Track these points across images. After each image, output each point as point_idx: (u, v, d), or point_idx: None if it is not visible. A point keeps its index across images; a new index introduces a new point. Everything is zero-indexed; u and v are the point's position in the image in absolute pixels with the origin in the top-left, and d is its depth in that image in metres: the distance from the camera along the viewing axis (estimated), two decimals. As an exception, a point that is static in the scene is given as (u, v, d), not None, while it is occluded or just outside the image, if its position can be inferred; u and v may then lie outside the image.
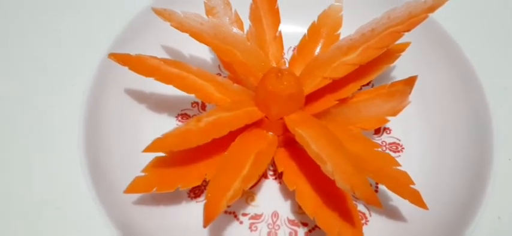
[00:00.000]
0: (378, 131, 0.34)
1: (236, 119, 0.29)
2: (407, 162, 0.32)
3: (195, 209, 0.31)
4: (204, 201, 0.26)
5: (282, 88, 0.29)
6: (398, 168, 0.28)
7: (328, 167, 0.26)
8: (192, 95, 0.31)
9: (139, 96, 0.35)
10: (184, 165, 0.29)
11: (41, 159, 0.30)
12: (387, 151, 0.33)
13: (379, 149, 0.29)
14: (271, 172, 0.33)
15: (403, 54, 0.33)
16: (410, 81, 0.31)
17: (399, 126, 0.34)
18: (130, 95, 0.35)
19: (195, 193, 0.32)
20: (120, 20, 0.36)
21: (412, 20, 0.29)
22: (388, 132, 0.34)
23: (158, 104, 0.35)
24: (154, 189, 0.28)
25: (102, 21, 0.36)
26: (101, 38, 0.35)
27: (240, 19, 0.35)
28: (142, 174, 0.28)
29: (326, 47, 0.34)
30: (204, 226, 0.25)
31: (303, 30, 0.35)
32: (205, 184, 0.31)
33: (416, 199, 0.27)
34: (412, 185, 0.27)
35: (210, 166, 0.29)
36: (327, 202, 0.28)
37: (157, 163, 0.29)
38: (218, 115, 0.29)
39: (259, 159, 0.29)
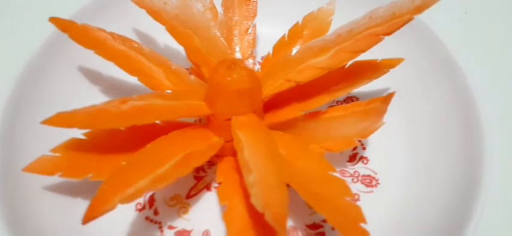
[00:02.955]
0: (352, 158, 0.28)
1: (172, 110, 0.25)
2: (379, 201, 0.26)
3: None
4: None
5: (230, 81, 0.25)
6: (351, 200, 0.22)
7: (251, 178, 0.20)
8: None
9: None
10: (104, 154, 0.25)
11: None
12: (358, 183, 0.27)
13: (335, 174, 0.23)
14: (217, 185, 0.28)
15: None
16: (387, 99, 0.25)
17: (379, 157, 0.28)
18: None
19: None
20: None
21: (394, 21, 0.23)
22: (365, 161, 0.28)
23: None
24: (59, 173, 0.24)
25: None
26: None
27: (215, 7, 0.30)
28: (51, 153, 0.24)
29: (303, 51, 0.29)
30: (83, 223, 0.20)
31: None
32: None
33: (363, 241, 0.21)
34: (362, 224, 0.21)
35: (133, 160, 0.24)
36: (257, 229, 0.23)
37: (71, 145, 0.25)
38: (150, 102, 0.25)
39: (186, 161, 0.24)
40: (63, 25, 0.27)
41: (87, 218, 0.20)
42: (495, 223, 0.23)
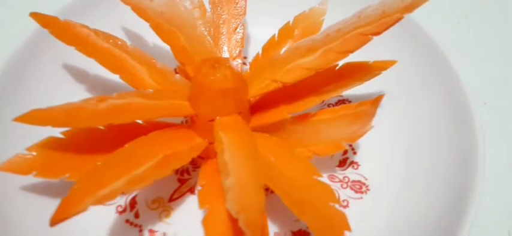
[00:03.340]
0: (342, 163, 0.27)
1: (152, 109, 0.24)
2: (368, 208, 0.25)
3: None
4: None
5: (213, 80, 0.24)
6: (336, 205, 0.21)
7: (228, 181, 0.19)
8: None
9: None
10: (82, 154, 0.24)
11: None
12: (347, 189, 0.26)
13: (321, 179, 0.22)
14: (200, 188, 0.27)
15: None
16: (376, 101, 0.24)
17: (371, 162, 0.27)
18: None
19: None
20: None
21: (383, 20, 0.22)
22: (356, 167, 0.27)
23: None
24: (34, 173, 0.23)
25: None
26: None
27: (204, 6, 0.29)
28: (26, 152, 0.23)
29: (293, 51, 0.28)
30: (51, 224, 0.19)
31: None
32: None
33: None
34: (346, 232, 0.20)
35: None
36: None
37: (48, 144, 0.24)
38: (130, 100, 0.24)
39: (165, 162, 0.23)
40: (44, 21, 0.27)
41: (56, 219, 0.19)
42: (487, 232, 0.22)
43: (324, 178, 0.25)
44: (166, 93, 0.25)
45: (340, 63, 0.26)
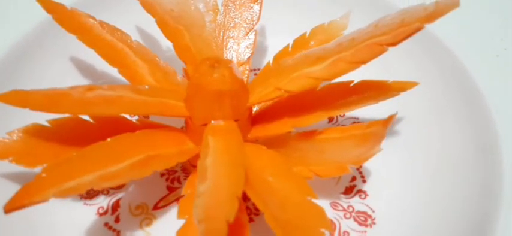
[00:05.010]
0: (348, 190, 0.24)
1: (143, 105, 0.22)
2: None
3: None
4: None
5: (209, 80, 0.22)
6: (326, 233, 0.18)
7: (203, 187, 0.17)
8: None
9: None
10: (65, 145, 0.23)
11: None
12: (350, 220, 0.23)
13: (315, 200, 0.19)
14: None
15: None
16: (387, 122, 0.21)
17: (380, 193, 0.24)
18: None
19: (89, 193, 0.25)
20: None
21: (401, 29, 0.20)
22: (363, 196, 0.24)
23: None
24: (10, 158, 0.22)
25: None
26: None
27: (218, 9, 0.28)
28: (7, 136, 0.22)
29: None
30: (5, 211, 0.18)
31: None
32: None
33: None
34: (334, 264, 0.17)
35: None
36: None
37: (30, 130, 0.22)
38: (121, 93, 0.22)
39: (146, 163, 0.21)
40: (50, 6, 0.26)
41: (10, 207, 0.17)
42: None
43: (320, 201, 0.23)
44: (162, 92, 0.24)
45: (356, 80, 0.24)
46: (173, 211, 0.24)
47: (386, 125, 0.21)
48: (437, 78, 0.26)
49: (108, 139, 0.21)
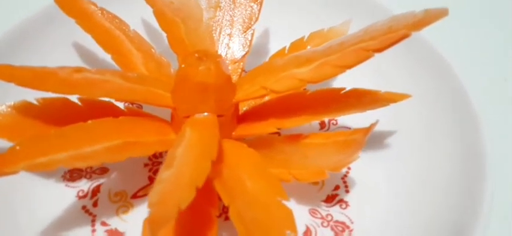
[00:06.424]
0: (330, 199, 0.24)
1: (128, 92, 0.22)
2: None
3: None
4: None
5: (195, 72, 0.22)
6: (292, 235, 0.18)
7: (165, 174, 0.17)
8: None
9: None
10: (50, 124, 0.23)
11: None
12: (327, 228, 0.23)
13: (285, 202, 0.19)
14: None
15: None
16: (367, 130, 0.21)
17: (362, 205, 0.23)
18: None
19: (72, 175, 0.25)
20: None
21: (388, 36, 0.19)
22: (344, 206, 0.24)
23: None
24: (-7, 131, 0.22)
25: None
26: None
27: (219, 5, 0.28)
28: (-7, 108, 0.23)
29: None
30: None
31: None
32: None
33: None
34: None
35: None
36: None
37: (19, 106, 0.23)
38: (108, 78, 0.23)
39: (123, 148, 0.21)
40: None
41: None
42: None
43: (299, 206, 0.23)
44: (150, 81, 0.24)
45: (348, 87, 0.24)
46: (152, 201, 0.24)
47: (366, 133, 0.21)
48: (431, 92, 0.25)
49: (89, 122, 0.21)
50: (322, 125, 0.27)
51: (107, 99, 0.23)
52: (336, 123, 0.27)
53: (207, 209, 0.20)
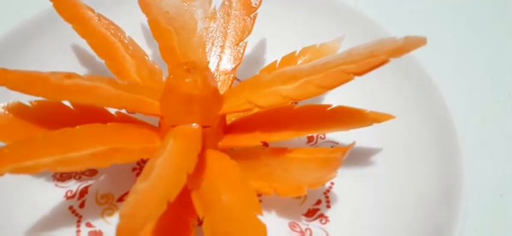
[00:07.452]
0: (311, 213, 0.24)
1: (117, 99, 0.23)
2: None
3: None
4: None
5: (181, 84, 0.22)
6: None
7: (140, 186, 0.17)
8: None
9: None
10: (42, 127, 0.24)
11: None
12: (304, 243, 0.23)
13: (260, 217, 0.19)
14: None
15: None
16: (345, 150, 0.21)
17: (342, 222, 0.24)
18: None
19: (62, 175, 0.26)
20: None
21: (368, 60, 0.20)
22: (324, 221, 0.24)
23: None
24: (-18, 129, 0.23)
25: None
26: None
27: (215, 16, 0.28)
28: (-12, 108, 0.23)
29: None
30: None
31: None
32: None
33: None
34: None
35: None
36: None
37: (12, 107, 0.24)
38: (98, 85, 0.23)
39: (108, 154, 0.21)
40: (52, -7, 0.27)
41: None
42: None
43: (279, 219, 0.23)
44: (140, 89, 0.24)
45: (334, 104, 0.24)
46: (137, 206, 0.25)
47: (344, 153, 0.21)
48: (416, 112, 0.26)
49: (77, 127, 0.22)
50: (310, 139, 0.27)
51: (97, 105, 0.24)
52: (324, 138, 0.27)
53: (186, 218, 0.20)
